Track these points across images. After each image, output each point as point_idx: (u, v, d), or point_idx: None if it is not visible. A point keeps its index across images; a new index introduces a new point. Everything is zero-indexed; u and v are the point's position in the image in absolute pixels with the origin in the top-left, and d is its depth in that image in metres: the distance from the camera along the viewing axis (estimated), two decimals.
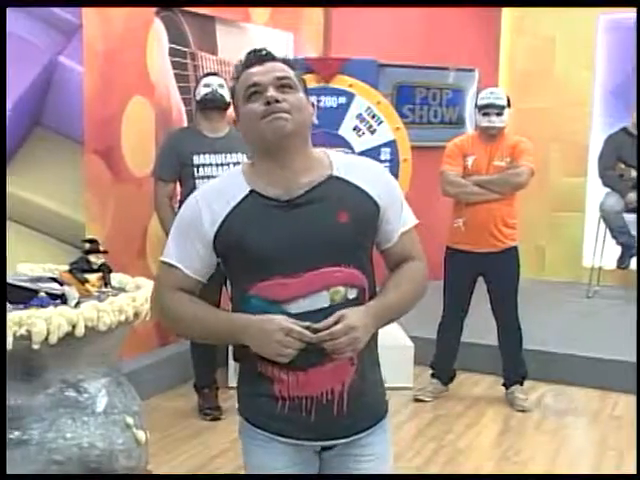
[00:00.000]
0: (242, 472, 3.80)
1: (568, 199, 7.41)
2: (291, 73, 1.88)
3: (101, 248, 3.03)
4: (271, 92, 1.82)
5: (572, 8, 6.78)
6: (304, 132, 1.87)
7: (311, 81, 4.81)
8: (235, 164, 4.28)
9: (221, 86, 4.30)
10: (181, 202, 4.35)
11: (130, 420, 2.60)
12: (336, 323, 1.78)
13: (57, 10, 3.94)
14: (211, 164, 4.25)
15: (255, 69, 1.86)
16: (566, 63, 7.33)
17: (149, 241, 4.76)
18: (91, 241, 3.05)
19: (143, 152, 4.64)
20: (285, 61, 1.90)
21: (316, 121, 1.99)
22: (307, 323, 1.78)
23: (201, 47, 5.12)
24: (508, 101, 4.53)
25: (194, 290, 1.92)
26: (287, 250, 1.81)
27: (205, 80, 4.34)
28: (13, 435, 2.24)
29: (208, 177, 4.22)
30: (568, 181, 7.41)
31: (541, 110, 7.35)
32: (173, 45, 4.87)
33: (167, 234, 4.63)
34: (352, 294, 1.85)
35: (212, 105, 4.26)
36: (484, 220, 4.43)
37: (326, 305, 1.81)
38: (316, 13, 6.38)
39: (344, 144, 4.72)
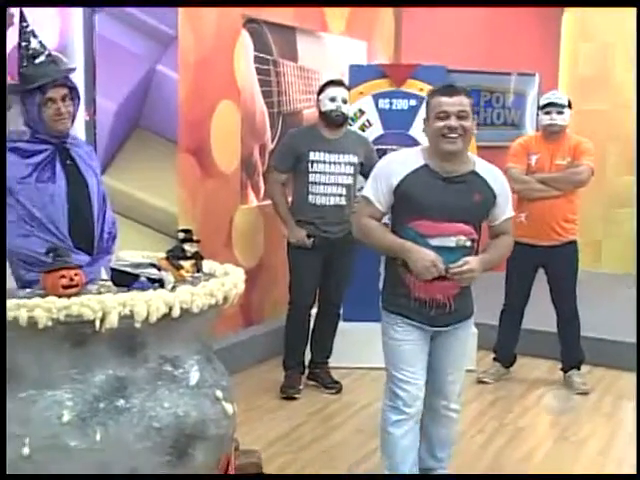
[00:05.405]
0: (320, 441, 3.81)
1: (623, 196, 7.23)
2: (467, 106, 2.74)
3: (194, 238, 3.06)
4: (453, 121, 2.71)
5: (632, 14, 6.55)
6: (466, 147, 2.78)
7: (384, 85, 4.81)
8: (346, 164, 4.26)
9: (344, 101, 4.24)
10: (294, 194, 4.36)
11: (219, 393, 2.62)
12: (461, 265, 2.73)
13: (155, 22, 4.01)
14: (325, 162, 4.23)
15: (445, 99, 2.73)
16: (625, 68, 7.13)
17: (234, 232, 4.82)
18: (186, 231, 3.08)
19: (230, 151, 4.71)
20: (465, 94, 2.76)
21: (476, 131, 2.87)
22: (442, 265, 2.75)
23: (283, 55, 5.15)
24: (569, 103, 4.44)
25: (379, 218, 2.87)
26: (437, 205, 2.73)
27: (331, 91, 4.23)
28: (119, 403, 2.29)
29: (321, 173, 4.23)
30: (624, 179, 7.22)
31: (599, 112, 7.16)
32: (258, 53, 4.91)
33: (279, 215, 4.45)
34: (467, 242, 2.78)
35: (334, 123, 4.25)
36: (546, 215, 4.36)
37: (452, 245, 2.75)
38: (387, 22, 6.35)
39: (413, 144, 4.67)
